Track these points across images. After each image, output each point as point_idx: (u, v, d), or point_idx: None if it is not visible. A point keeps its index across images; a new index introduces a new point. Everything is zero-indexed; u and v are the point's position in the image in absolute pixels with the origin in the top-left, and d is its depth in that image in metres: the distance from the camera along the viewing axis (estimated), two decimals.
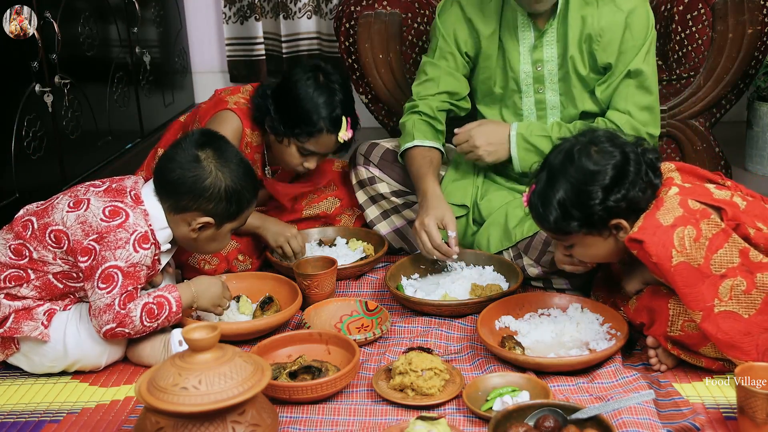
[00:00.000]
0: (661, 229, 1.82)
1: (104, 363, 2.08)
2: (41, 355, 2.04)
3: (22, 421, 1.90)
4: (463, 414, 1.83)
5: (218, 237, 2.10)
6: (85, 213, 1.99)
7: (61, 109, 2.78)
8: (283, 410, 1.85)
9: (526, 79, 2.46)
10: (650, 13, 2.37)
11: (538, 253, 2.34)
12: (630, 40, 2.33)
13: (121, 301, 1.96)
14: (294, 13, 4.05)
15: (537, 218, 1.99)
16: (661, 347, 1.95)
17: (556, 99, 2.46)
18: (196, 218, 2.04)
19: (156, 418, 1.54)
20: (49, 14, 2.71)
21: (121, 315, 1.96)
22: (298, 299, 2.23)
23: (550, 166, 1.95)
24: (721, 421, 1.78)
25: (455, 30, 2.48)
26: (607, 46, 2.34)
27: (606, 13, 2.33)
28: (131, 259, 1.97)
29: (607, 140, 1.93)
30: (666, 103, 2.84)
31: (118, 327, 1.97)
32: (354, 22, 2.94)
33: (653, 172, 1.93)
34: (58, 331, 2.02)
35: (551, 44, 2.41)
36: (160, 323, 2.01)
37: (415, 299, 2.25)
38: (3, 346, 2.06)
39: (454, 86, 2.52)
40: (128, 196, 2.03)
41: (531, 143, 2.41)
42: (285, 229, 2.52)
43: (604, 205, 1.88)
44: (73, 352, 2.03)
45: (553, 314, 2.15)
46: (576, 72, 2.40)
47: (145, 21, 3.58)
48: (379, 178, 2.61)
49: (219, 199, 2.02)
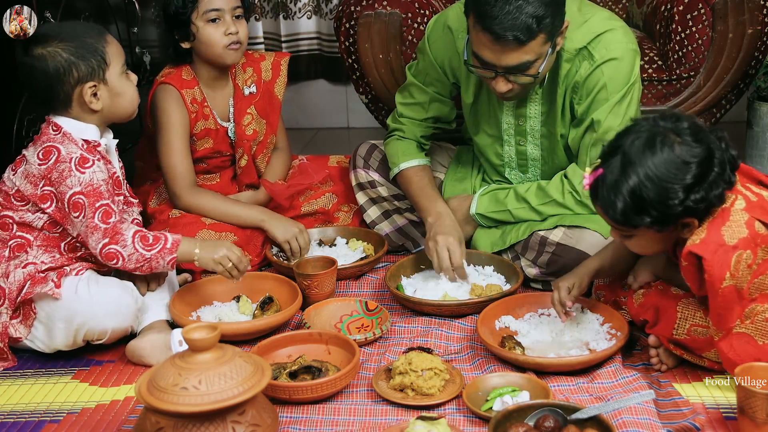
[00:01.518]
0: (724, 248, 1.73)
1: (110, 329, 2.09)
2: (55, 319, 2.07)
3: (22, 421, 1.90)
4: (463, 414, 1.83)
5: (118, 88, 2.14)
6: (26, 167, 2.10)
7: None
8: (283, 410, 1.85)
9: (508, 130, 2.40)
10: (633, 65, 2.23)
11: (535, 254, 2.34)
12: (602, 91, 2.22)
13: (101, 217, 2.05)
14: (294, 13, 4.05)
15: (602, 205, 1.80)
16: (662, 346, 1.95)
17: (537, 153, 2.41)
18: (83, 94, 2.09)
19: (156, 418, 1.54)
20: (49, 14, 2.71)
21: (108, 231, 2.05)
22: (298, 299, 2.23)
23: (625, 152, 1.75)
24: (721, 421, 1.78)
25: (444, 59, 2.41)
26: (581, 98, 2.26)
27: (585, 66, 2.23)
28: (84, 180, 2.05)
29: (691, 131, 1.75)
30: (666, 103, 2.84)
31: (111, 243, 2.06)
32: (354, 22, 2.94)
33: (732, 172, 1.78)
34: (69, 291, 2.06)
35: (536, 102, 2.33)
36: (153, 255, 2.08)
37: (415, 299, 2.25)
38: (24, 316, 2.09)
39: (441, 111, 2.51)
40: (50, 132, 2.11)
41: (493, 219, 2.42)
42: (292, 225, 2.52)
43: (683, 205, 1.73)
44: (82, 310, 2.05)
45: (553, 314, 2.14)
46: (558, 131, 2.34)
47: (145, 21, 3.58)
48: (379, 182, 2.61)
49: (76, 65, 2.07)
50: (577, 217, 2.32)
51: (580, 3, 2.28)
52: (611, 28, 2.23)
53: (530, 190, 2.37)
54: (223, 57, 2.53)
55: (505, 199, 2.39)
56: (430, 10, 2.99)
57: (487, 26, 2.03)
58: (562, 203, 2.33)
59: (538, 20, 2.02)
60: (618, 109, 2.23)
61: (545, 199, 2.34)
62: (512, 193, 2.39)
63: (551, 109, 2.32)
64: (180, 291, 2.30)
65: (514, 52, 2.06)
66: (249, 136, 2.67)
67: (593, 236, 2.28)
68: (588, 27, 2.23)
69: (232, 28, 2.50)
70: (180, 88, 2.55)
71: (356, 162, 2.65)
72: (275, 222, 2.53)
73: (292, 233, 2.50)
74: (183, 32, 2.51)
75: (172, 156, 2.53)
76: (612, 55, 2.21)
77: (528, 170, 2.46)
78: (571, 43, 2.22)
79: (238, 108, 2.65)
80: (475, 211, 2.42)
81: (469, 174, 2.60)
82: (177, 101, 2.54)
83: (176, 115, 2.53)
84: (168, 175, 2.54)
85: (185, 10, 2.47)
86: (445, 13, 2.43)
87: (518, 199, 2.38)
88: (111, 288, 2.11)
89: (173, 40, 2.55)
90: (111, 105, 2.14)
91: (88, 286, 2.08)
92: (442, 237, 2.30)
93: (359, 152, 2.66)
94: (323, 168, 2.80)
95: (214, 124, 2.62)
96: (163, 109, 2.53)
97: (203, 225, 2.50)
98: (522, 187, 2.39)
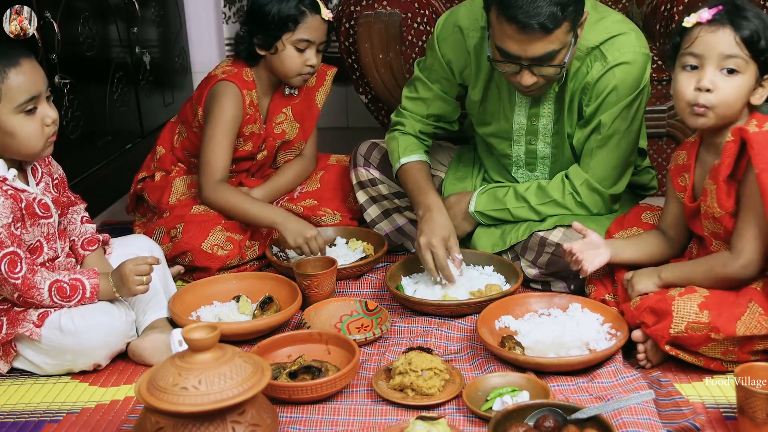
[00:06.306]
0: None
1: (103, 358, 2.06)
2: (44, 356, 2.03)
3: (22, 421, 1.90)
4: (463, 414, 1.83)
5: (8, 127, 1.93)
6: None
7: (61, 109, 2.78)
8: (283, 410, 1.85)
9: (519, 130, 2.39)
10: (644, 70, 2.22)
11: (535, 254, 2.34)
12: (612, 94, 2.22)
13: (6, 269, 1.94)
14: None
15: (732, 21, 1.87)
16: (649, 342, 1.96)
17: (547, 151, 2.40)
18: None
19: (156, 418, 1.54)
20: (49, 14, 2.71)
21: (20, 286, 1.95)
22: (298, 299, 2.23)
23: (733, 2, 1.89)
24: (721, 421, 1.78)
25: (452, 58, 2.39)
26: (590, 99, 2.25)
27: (597, 66, 2.22)
28: None
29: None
30: (666, 102, 2.84)
31: (26, 297, 1.97)
32: (354, 22, 2.94)
33: None
34: (53, 328, 2.00)
35: (550, 101, 2.32)
36: (73, 305, 2.01)
37: (415, 299, 2.25)
38: (4, 353, 2.05)
39: (443, 110, 2.50)
40: None
41: (492, 217, 2.42)
42: (305, 229, 2.49)
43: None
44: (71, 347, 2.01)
45: (553, 314, 2.15)
46: (566, 129, 2.33)
47: (145, 21, 3.58)
48: (380, 180, 2.61)
49: None
50: (577, 217, 2.32)
51: (594, 2, 2.28)
52: (625, 32, 2.23)
53: (530, 190, 2.37)
54: (292, 81, 2.61)
55: (504, 197, 2.39)
56: (430, 10, 2.99)
57: (512, 16, 2.02)
58: (562, 204, 2.33)
59: (563, 7, 2.01)
60: (626, 113, 2.23)
61: (545, 199, 2.34)
62: (512, 191, 2.39)
63: (561, 107, 2.31)
64: (180, 291, 2.30)
65: (540, 42, 2.05)
66: (276, 134, 2.71)
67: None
68: (602, 27, 2.23)
69: (313, 60, 2.56)
70: (242, 88, 2.58)
71: (357, 160, 2.65)
72: (288, 225, 2.50)
73: (303, 238, 2.47)
74: (267, 43, 2.54)
75: (214, 149, 2.55)
76: (625, 59, 2.20)
77: (536, 168, 2.45)
78: (583, 41, 2.21)
79: (274, 104, 2.70)
80: (474, 209, 2.42)
81: (469, 173, 2.59)
82: (237, 100, 2.57)
83: (233, 112, 2.56)
84: (203, 166, 2.56)
85: (282, 28, 2.50)
86: (455, 11, 2.41)
87: (518, 198, 2.37)
88: (97, 317, 2.03)
89: (251, 42, 2.57)
90: (1, 144, 1.96)
91: (72, 321, 2.00)
92: (424, 238, 2.28)
93: (359, 150, 2.65)
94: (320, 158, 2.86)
95: (258, 128, 2.65)
96: (222, 104, 2.55)
97: (217, 223, 2.54)
98: (522, 186, 2.39)
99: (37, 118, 1.97)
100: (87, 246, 2.21)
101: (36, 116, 1.97)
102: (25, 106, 1.94)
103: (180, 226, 2.52)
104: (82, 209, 2.28)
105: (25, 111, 1.94)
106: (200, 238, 2.49)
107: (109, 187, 3.22)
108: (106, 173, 3.21)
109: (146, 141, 3.48)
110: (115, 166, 3.26)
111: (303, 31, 2.51)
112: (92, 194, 2.51)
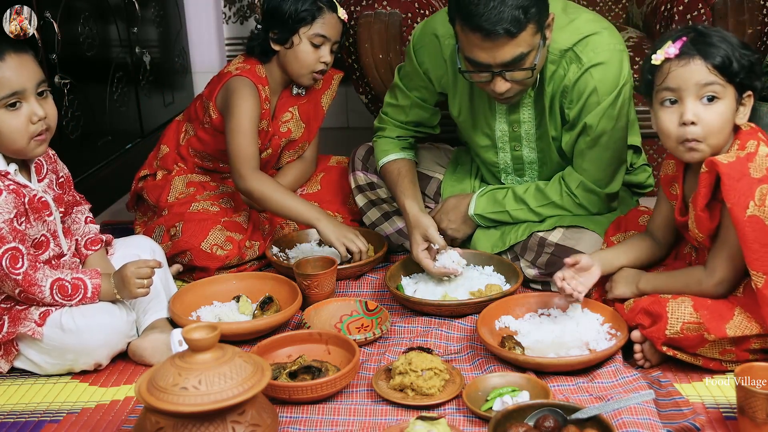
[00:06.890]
0: (748, 179, 1.80)
1: (105, 357, 2.06)
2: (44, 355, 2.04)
3: (22, 421, 1.90)
4: (463, 414, 1.83)
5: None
6: None
7: (61, 109, 2.78)
8: (283, 410, 1.85)
9: (503, 137, 2.40)
10: (622, 66, 2.21)
11: (534, 255, 2.34)
12: (593, 95, 2.20)
13: (8, 264, 1.94)
14: None
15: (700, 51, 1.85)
16: (647, 342, 1.96)
17: (533, 156, 2.40)
18: None
19: (156, 418, 1.54)
20: (49, 14, 2.71)
21: (21, 282, 1.95)
22: (298, 299, 2.23)
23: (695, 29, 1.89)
24: (721, 421, 1.78)
25: (429, 67, 2.39)
26: (571, 102, 2.24)
27: (573, 69, 2.21)
28: None
29: None
30: None
31: (27, 293, 1.97)
32: (354, 22, 2.94)
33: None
34: (54, 327, 2.00)
35: (528, 105, 2.32)
36: (74, 304, 2.02)
37: (415, 299, 2.25)
38: (5, 352, 2.06)
39: (421, 117, 2.51)
40: None
41: (492, 219, 2.42)
42: (346, 230, 2.49)
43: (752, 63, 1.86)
44: (72, 346, 2.01)
45: (553, 314, 2.15)
46: (549, 133, 2.33)
47: (145, 21, 3.58)
48: (378, 184, 2.61)
49: None
50: (576, 218, 2.33)
51: (564, 4, 2.28)
52: (597, 31, 2.22)
53: (529, 192, 2.37)
54: (302, 78, 2.62)
55: (503, 199, 2.39)
56: (429, 10, 2.99)
57: (476, 24, 2.02)
58: (560, 205, 2.34)
59: (524, 10, 2.01)
60: (611, 112, 2.22)
61: (544, 201, 2.34)
62: (511, 193, 2.39)
63: (542, 111, 2.31)
64: (180, 291, 2.30)
65: (506, 46, 2.05)
66: (282, 133, 2.72)
67: (592, 237, 2.29)
68: (573, 28, 2.22)
69: (327, 57, 2.58)
70: (257, 83, 2.60)
71: (355, 165, 2.65)
72: (328, 224, 2.48)
73: (346, 238, 2.46)
74: (283, 37, 2.55)
75: (243, 138, 2.54)
76: (600, 59, 2.19)
77: (525, 174, 2.45)
78: (555, 44, 2.21)
79: (282, 103, 2.70)
80: (474, 212, 2.42)
81: (467, 175, 2.59)
82: (254, 93, 2.58)
83: (253, 103, 2.57)
84: (235, 158, 2.54)
85: (300, 21, 2.52)
86: (432, 19, 2.41)
87: (517, 200, 2.38)
88: (98, 317, 2.03)
89: (266, 37, 2.58)
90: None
91: (73, 320, 2.01)
92: (412, 251, 2.34)
93: (357, 155, 2.65)
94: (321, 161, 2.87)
95: (267, 125, 2.66)
96: (241, 96, 2.56)
97: (217, 222, 2.54)
98: (520, 187, 2.39)
99: (21, 114, 1.95)
100: (90, 246, 2.21)
101: (20, 112, 1.95)
102: (6, 101, 1.92)
103: (179, 225, 2.52)
104: (86, 209, 2.29)
105: (6, 105, 1.93)
106: (200, 237, 2.49)
107: (109, 187, 3.23)
108: (106, 173, 3.21)
109: (146, 141, 3.48)
110: (115, 166, 3.26)
111: (319, 26, 2.53)
112: (92, 194, 2.51)
